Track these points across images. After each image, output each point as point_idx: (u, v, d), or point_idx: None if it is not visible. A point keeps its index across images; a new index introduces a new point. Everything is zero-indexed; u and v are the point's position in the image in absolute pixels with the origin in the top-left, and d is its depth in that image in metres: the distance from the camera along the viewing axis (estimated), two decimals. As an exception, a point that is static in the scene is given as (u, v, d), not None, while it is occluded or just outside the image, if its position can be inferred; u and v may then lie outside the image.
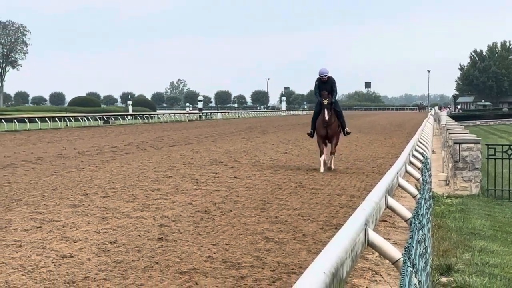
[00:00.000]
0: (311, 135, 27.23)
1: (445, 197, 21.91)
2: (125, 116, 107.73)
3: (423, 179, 11.95)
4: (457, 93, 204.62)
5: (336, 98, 28.04)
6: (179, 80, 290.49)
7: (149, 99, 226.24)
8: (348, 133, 28.74)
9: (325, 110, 25.60)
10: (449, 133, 30.15)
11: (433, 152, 29.01)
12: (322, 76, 27.14)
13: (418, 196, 9.94)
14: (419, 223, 7.84)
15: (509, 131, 72.27)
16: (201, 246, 13.14)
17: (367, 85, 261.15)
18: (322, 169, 26.07)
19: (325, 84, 27.23)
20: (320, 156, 26.32)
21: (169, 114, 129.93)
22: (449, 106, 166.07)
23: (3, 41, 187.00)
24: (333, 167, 27.07)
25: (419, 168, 13.08)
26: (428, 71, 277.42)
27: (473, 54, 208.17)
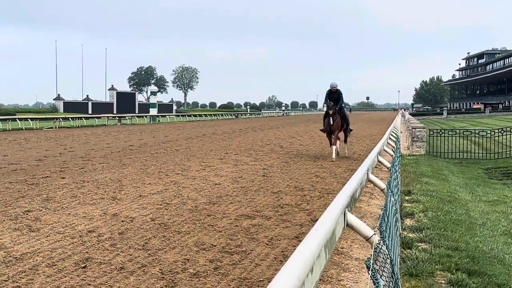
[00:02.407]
0: (323, 131, 19.70)
1: (407, 156, 21.59)
2: (246, 114, 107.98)
3: (396, 146, 11.78)
4: (413, 102, 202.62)
5: (342, 105, 20.00)
6: (272, 95, 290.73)
7: (258, 104, 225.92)
8: (351, 130, 20.53)
9: (331, 117, 18.79)
10: (409, 123, 29.80)
11: (401, 132, 28.61)
12: (332, 88, 19.57)
13: (394, 155, 9.79)
14: (394, 169, 7.73)
15: (440, 122, 70.83)
16: (284, 179, 13.11)
17: (367, 98, 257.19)
18: (334, 156, 18.60)
19: (334, 94, 19.46)
20: (331, 146, 19.10)
21: (267, 113, 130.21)
22: (409, 108, 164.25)
23: (186, 76, 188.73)
24: (347, 154, 19.55)
25: (394, 141, 12.89)
26: (399, 91, 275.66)
27: (422, 82, 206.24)
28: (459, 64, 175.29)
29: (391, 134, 14.61)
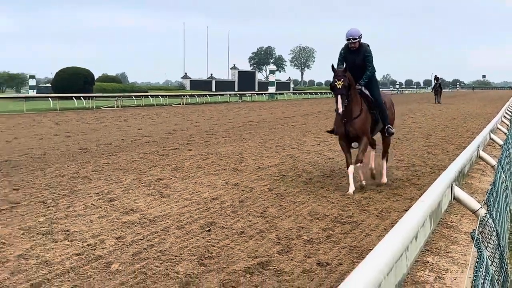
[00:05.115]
0: (333, 132, 9.09)
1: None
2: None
3: (510, 124, 11.31)
4: None
5: (372, 77, 8.95)
6: (387, 74, 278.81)
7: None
8: (391, 134, 9.34)
9: (338, 97, 8.04)
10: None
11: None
12: (350, 41, 8.60)
13: (508, 133, 9.43)
14: (506, 146, 7.47)
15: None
16: (395, 155, 12.60)
17: (483, 76, 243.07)
18: (351, 188, 8.42)
19: (355, 55, 8.66)
20: (347, 167, 8.70)
21: (381, 90, 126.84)
22: None
23: (303, 55, 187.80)
24: (363, 182, 8.90)
25: (509, 119, 12.37)
26: None
27: None
28: None
29: (506, 113, 14.00)
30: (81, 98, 39.71)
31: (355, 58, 8.70)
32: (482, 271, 2.46)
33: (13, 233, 6.21)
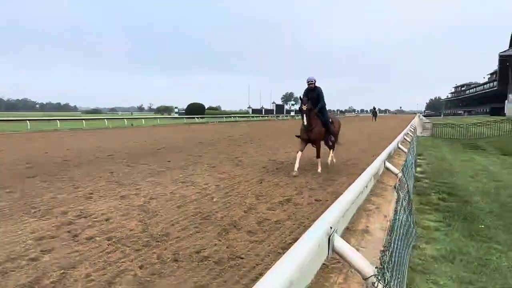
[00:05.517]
0: (298, 136, 7.61)
1: (420, 137, 19.69)
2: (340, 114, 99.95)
3: (413, 132, 10.86)
4: (425, 109, 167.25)
5: (324, 106, 7.43)
6: (350, 106, 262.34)
7: (343, 110, 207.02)
8: (333, 142, 8.32)
9: (304, 116, 7.00)
10: (422, 120, 27.01)
11: (417, 124, 25.87)
12: (309, 83, 7.22)
13: (412, 136, 9.07)
14: (412, 142, 7.18)
15: (439, 120, 62.76)
16: (356, 148, 12.29)
17: (400, 107, 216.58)
18: (296, 167, 7.00)
19: (312, 93, 7.24)
20: (297, 152, 7.32)
21: (348, 115, 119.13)
22: (422, 112, 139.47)
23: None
24: (319, 170, 7.45)
25: (413, 129, 11.88)
26: (417, 104, 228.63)
27: (430, 99, 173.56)
28: (451, 90, 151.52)
29: (411, 126, 13.45)
30: (199, 117, 40.38)
31: (313, 94, 7.38)
32: (399, 204, 2.40)
33: (166, 182, 6.39)
